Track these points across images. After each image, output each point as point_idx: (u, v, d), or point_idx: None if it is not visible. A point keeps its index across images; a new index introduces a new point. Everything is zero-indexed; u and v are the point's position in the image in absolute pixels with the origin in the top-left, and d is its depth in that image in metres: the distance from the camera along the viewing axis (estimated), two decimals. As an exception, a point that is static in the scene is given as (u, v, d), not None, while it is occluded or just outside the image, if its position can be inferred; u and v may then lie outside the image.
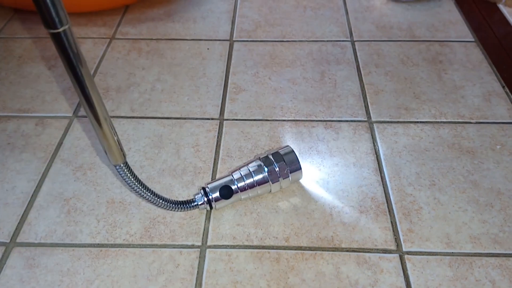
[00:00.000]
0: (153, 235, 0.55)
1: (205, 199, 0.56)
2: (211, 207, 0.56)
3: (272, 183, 0.57)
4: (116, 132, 0.47)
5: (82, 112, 0.72)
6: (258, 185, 0.57)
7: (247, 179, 0.56)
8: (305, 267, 0.52)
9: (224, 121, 0.70)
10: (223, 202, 0.56)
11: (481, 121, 0.70)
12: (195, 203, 0.56)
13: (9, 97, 0.75)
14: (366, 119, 0.70)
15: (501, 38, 0.87)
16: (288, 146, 0.59)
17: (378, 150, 0.65)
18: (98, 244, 0.55)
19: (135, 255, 0.53)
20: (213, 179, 0.62)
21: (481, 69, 0.79)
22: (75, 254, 0.54)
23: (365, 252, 0.53)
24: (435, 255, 0.53)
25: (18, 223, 0.57)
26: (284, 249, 0.54)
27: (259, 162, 0.57)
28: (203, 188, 0.56)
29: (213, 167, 0.63)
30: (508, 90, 0.75)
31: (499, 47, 0.84)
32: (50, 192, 0.60)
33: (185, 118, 0.71)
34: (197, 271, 0.52)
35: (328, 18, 0.92)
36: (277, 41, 0.87)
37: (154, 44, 0.86)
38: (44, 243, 0.55)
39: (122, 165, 0.49)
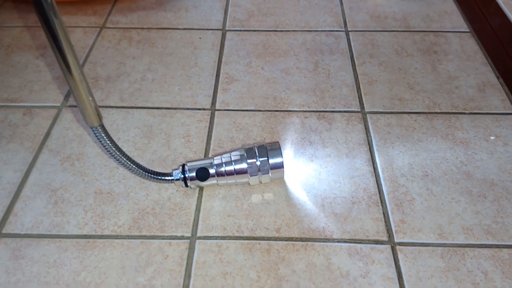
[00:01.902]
0: (141, 226, 0.54)
1: (182, 176, 0.55)
2: (186, 185, 0.56)
3: (250, 176, 0.56)
4: (92, 94, 0.47)
5: (71, 102, 0.71)
6: (237, 174, 0.56)
7: (226, 166, 0.55)
8: (296, 258, 0.51)
9: (216, 112, 0.69)
10: (198, 183, 0.56)
11: (475, 112, 0.69)
12: (171, 178, 0.56)
13: (-3, 87, 0.74)
14: (359, 110, 0.69)
15: (496, 29, 0.86)
16: (277, 142, 0.58)
17: (371, 140, 0.65)
18: (85, 235, 0.54)
19: (123, 246, 0.53)
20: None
21: (476, 60, 0.78)
22: (62, 245, 0.53)
23: (357, 243, 0.53)
24: (427, 246, 0.52)
25: (4, 214, 0.56)
26: (275, 240, 0.53)
27: (242, 152, 0.56)
28: (183, 165, 0.56)
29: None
30: (502, 81, 0.74)
31: (494, 37, 0.84)
32: (37, 182, 0.59)
33: (175, 108, 0.70)
34: (186, 263, 0.51)
35: (322, 8, 0.91)
36: (271, 30, 0.86)
37: (145, 33, 0.85)
38: (31, 234, 0.54)
39: (98, 127, 0.49)
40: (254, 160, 0.55)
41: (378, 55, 0.80)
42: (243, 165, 0.56)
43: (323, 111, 0.69)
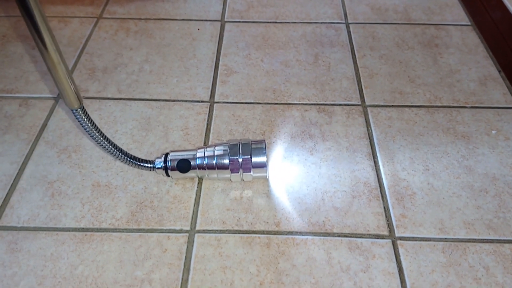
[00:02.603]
0: (140, 220, 0.54)
1: (163, 165, 0.55)
2: (167, 175, 0.56)
3: (232, 173, 0.55)
4: (71, 76, 0.46)
5: (67, 93, 0.70)
6: (218, 169, 0.55)
7: (208, 160, 0.55)
8: (296, 252, 0.51)
9: (215, 104, 0.69)
10: (179, 174, 0.56)
11: (476, 105, 0.68)
12: (152, 166, 0.56)
13: (-8, 77, 0.72)
14: (360, 103, 0.69)
15: (498, 22, 0.85)
16: (263, 141, 0.56)
17: (372, 134, 0.64)
18: (83, 228, 0.53)
19: (121, 239, 0.52)
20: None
21: (477, 53, 0.78)
22: (59, 238, 0.52)
23: (357, 237, 0.52)
24: (428, 240, 0.52)
25: (0, 206, 0.55)
26: (275, 234, 0.53)
27: (226, 148, 0.55)
28: (165, 154, 0.56)
29: (203, 151, 0.62)
30: (504, 75, 0.73)
31: (496, 31, 0.83)
32: (34, 174, 0.58)
33: (174, 100, 0.69)
34: (185, 256, 0.50)
35: (323, 0, 0.90)
36: (270, 22, 0.85)
37: (143, 24, 0.84)
38: (27, 227, 0.53)
39: (78, 109, 0.48)
40: (237, 157, 0.54)
41: (378, 48, 0.79)
42: (225, 161, 0.55)
43: (323, 104, 0.68)
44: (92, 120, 0.50)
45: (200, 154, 0.55)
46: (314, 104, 0.68)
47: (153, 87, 0.71)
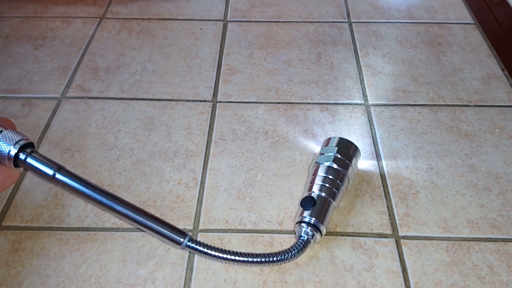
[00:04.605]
0: (143, 219, 0.54)
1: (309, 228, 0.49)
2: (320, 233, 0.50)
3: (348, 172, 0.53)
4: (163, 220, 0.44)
5: (70, 93, 0.70)
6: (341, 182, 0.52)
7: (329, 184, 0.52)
8: (299, 252, 0.51)
9: (217, 103, 0.69)
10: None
11: (480, 104, 0.68)
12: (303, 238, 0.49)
13: (-5, 77, 0.73)
14: (363, 102, 0.69)
15: (501, 20, 0.85)
16: (333, 137, 0.57)
17: (375, 133, 0.64)
18: (86, 227, 0.53)
19: (124, 239, 0.52)
20: (206, 162, 0.60)
21: (481, 52, 0.77)
22: (62, 238, 0.52)
23: (361, 236, 0.52)
24: (431, 239, 0.52)
25: (4, 206, 0.55)
26: (278, 233, 0.53)
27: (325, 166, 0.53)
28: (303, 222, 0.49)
29: (206, 150, 0.62)
30: (507, 73, 0.73)
31: (499, 29, 0.83)
32: (37, 174, 0.59)
33: (176, 100, 0.69)
34: (188, 256, 0.50)
35: (325, -1, 0.90)
36: (273, 21, 0.85)
37: (146, 24, 0.84)
38: (31, 226, 0.53)
39: (187, 242, 0.45)
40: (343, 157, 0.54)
41: (381, 47, 0.79)
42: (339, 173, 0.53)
43: (326, 103, 0.68)
44: (207, 245, 0.46)
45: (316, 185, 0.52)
46: (317, 103, 0.68)
47: (156, 87, 0.71)
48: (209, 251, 0.45)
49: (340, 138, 0.56)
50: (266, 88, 0.71)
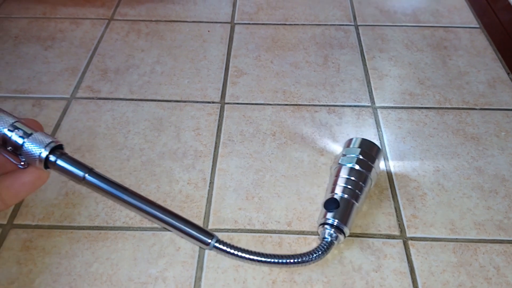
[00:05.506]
0: (153, 218, 0.54)
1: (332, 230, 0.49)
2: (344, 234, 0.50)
3: (371, 174, 0.53)
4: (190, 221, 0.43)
5: (80, 94, 0.71)
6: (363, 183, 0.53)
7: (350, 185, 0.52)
8: (307, 252, 0.51)
9: (225, 105, 0.69)
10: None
11: (485, 107, 0.69)
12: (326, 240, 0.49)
13: (5, 78, 0.73)
14: (370, 104, 0.69)
15: (506, 24, 0.85)
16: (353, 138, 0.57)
17: (382, 135, 0.64)
18: (97, 226, 0.54)
19: (135, 238, 0.53)
20: (214, 162, 0.60)
21: (486, 56, 0.78)
22: (74, 236, 0.53)
23: (369, 237, 0.53)
24: (439, 241, 0.52)
25: (15, 204, 0.56)
26: (286, 233, 0.53)
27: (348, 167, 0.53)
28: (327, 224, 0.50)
29: (214, 151, 0.62)
30: (513, 77, 0.74)
31: (504, 33, 0.83)
32: (48, 174, 0.59)
33: (185, 101, 0.70)
34: (198, 255, 0.51)
35: (331, 2, 0.91)
36: (280, 24, 0.85)
37: (154, 25, 0.85)
38: (42, 225, 0.54)
39: (215, 243, 0.44)
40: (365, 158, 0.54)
41: (388, 50, 0.79)
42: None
43: (333, 105, 0.69)
44: (234, 246, 0.45)
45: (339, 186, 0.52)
46: (324, 105, 0.69)
47: (164, 88, 0.72)
48: (235, 252, 0.45)
49: (363, 139, 0.57)
50: (274, 90, 0.71)
